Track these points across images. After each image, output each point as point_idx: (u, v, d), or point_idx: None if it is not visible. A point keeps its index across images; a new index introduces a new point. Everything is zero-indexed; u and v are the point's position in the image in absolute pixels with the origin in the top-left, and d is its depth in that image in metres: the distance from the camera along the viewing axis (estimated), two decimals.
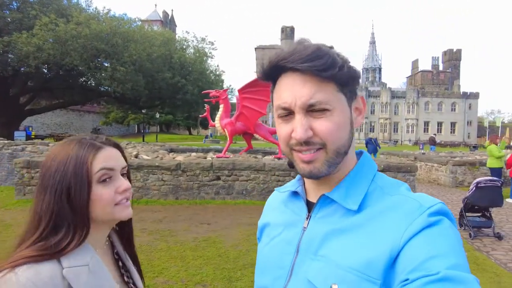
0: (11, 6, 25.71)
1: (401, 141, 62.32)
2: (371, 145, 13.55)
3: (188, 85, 31.30)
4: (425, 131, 67.69)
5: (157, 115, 42.51)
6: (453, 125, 70.31)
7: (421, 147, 29.31)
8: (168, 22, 78.77)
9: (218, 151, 11.33)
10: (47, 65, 25.34)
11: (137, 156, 8.84)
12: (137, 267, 0.94)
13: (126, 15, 31.61)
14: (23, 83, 28.07)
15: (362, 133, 61.16)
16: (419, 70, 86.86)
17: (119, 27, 26.79)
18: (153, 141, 28.73)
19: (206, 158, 8.81)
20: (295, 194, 0.74)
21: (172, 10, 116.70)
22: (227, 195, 7.78)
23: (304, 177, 0.70)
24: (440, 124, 69.83)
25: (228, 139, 9.20)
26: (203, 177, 7.78)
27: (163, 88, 30.11)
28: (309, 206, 0.70)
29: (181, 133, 64.67)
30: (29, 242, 0.73)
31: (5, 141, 11.20)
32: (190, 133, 63.85)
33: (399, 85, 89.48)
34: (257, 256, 0.77)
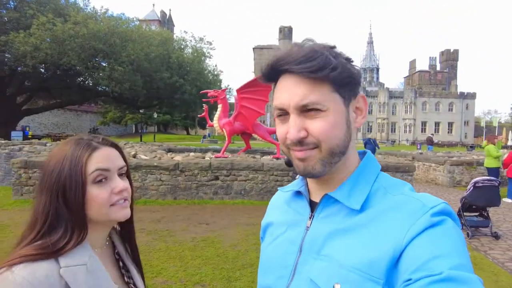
0: (8, 5, 25.64)
1: (399, 141, 62.46)
2: (369, 145, 13.56)
3: (186, 85, 31.31)
4: (422, 131, 67.89)
5: (155, 115, 42.50)
6: (450, 125, 70.56)
7: (418, 147, 29.39)
8: (166, 21, 78.61)
9: (216, 151, 11.33)
10: (45, 64, 25.28)
11: (135, 156, 8.82)
12: (138, 268, 0.93)
13: (124, 14, 31.72)
14: (20, 82, 27.98)
15: (360, 133, 61.31)
16: (417, 70, 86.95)
17: (117, 26, 26.75)
18: (150, 141, 28.65)
19: (204, 158, 8.81)
20: (298, 193, 0.75)
21: (170, 10, 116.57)
22: (225, 195, 7.78)
23: (300, 175, 0.71)
24: (437, 124, 70.07)
25: (226, 139, 9.21)
26: (202, 177, 7.77)
27: (161, 88, 30.10)
28: (312, 206, 0.70)
29: (178, 133, 64.58)
30: (27, 241, 0.73)
31: (2, 141, 11.16)
32: (188, 133, 63.76)
33: (397, 85, 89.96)
34: (261, 255, 0.78)
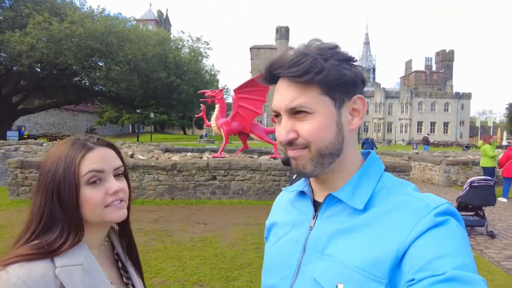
0: (3, 4, 25.42)
1: (395, 141, 62.72)
2: (367, 145, 13.60)
3: (183, 85, 31.25)
4: (418, 131, 68.27)
5: (152, 115, 42.33)
6: (446, 125, 71.00)
7: (414, 147, 29.53)
8: (162, 21, 78.43)
9: (213, 151, 11.32)
10: (41, 64, 25.14)
11: (132, 156, 8.79)
12: (137, 268, 0.92)
13: (120, 14, 31.56)
14: (15, 82, 27.77)
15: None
16: (413, 70, 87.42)
17: (113, 26, 26.63)
18: (147, 141, 28.57)
19: (202, 158, 8.80)
20: (302, 193, 0.75)
21: (166, 9, 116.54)
22: (223, 195, 7.79)
23: (295, 173, 0.72)
24: (433, 124, 70.47)
25: (224, 139, 9.21)
26: (199, 177, 7.77)
27: (158, 87, 30.01)
28: (316, 205, 0.70)
29: (175, 133, 64.43)
30: (23, 241, 0.73)
31: None
32: (185, 133, 63.63)
33: (393, 86, 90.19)
34: (265, 255, 0.78)
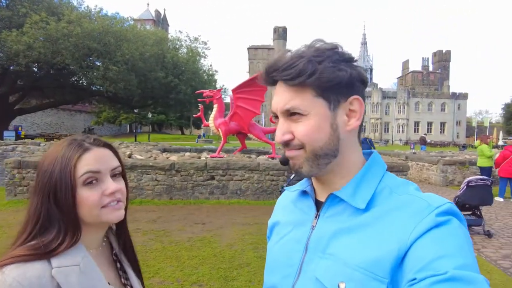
0: (0, 3, 25.30)
1: (392, 141, 62.91)
2: (365, 145, 13.63)
3: (181, 85, 31.20)
4: (415, 131, 68.52)
5: (149, 115, 42.27)
6: (442, 125, 71.29)
7: (412, 147, 29.65)
8: (160, 21, 78.25)
9: (211, 151, 11.32)
10: (38, 63, 25.00)
11: (130, 156, 8.78)
12: (136, 268, 0.92)
13: (118, 14, 31.50)
14: (12, 81, 27.63)
15: None
16: (410, 70, 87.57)
17: (111, 26, 26.53)
18: (145, 141, 28.53)
19: (200, 158, 8.80)
20: (304, 193, 0.75)
21: (164, 9, 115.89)
22: (221, 195, 7.79)
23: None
24: (430, 124, 70.75)
25: (222, 139, 9.21)
26: (197, 177, 7.77)
27: (155, 87, 29.95)
28: (318, 205, 0.70)
29: (173, 133, 64.32)
30: (20, 241, 0.73)
31: None
32: (182, 133, 63.53)
33: (390, 86, 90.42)
34: (267, 254, 0.78)
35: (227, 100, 10.86)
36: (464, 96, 72.00)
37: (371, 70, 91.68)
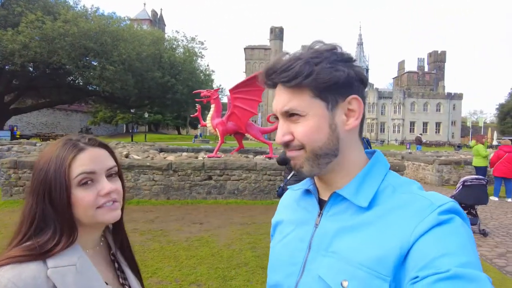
0: None
1: (388, 141, 63.17)
2: (363, 145, 13.83)
3: (178, 85, 31.17)
4: (411, 131, 68.86)
5: (146, 115, 42.11)
6: (438, 125, 71.70)
7: (408, 147, 29.81)
8: (157, 21, 77.99)
9: (209, 151, 11.32)
10: (33, 63, 24.86)
11: (127, 156, 8.76)
12: (134, 268, 0.91)
13: (115, 13, 31.30)
14: (7, 81, 27.44)
15: None
16: (405, 71, 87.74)
17: (108, 25, 26.46)
18: (142, 141, 28.42)
19: (197, 158, 8.80)
20: (307, 192, 0.76)
21: (161, 9, 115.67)
22: (218, 194, 7.79)
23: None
24: (425, 124, 71.12)
25: (219, 139, 9.22)
26: (195, 176, 7.77)
27: (152, 87, 29.89)
28: (321, 204, 0.71)
29: (170, 132, 64.16)
30: (15, 242, 0.73)
31: None
32: (179, 133, 63.38)
33: (386, 86, 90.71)
34: (270, 253, 0.79)
35: (224, 100, 10.87)
36: (459, 96, 72.47)
37: (367, 70, 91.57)
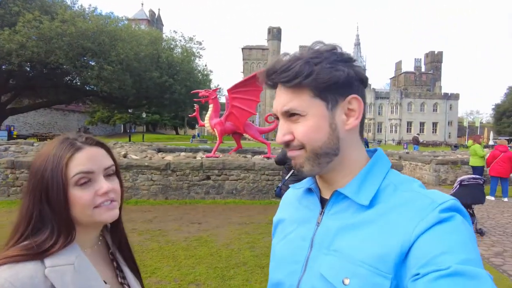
0: None
1: (385, 141, 63.40)
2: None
3: (175, 85, 31.13)
4: (408, 131, 69.17)
5: (144, 115, 42.03)
6: (434, 125, 72.06)
7: (405, 147, 29.96)
8: (155, 21, 77.87)
9: (207, 150, 11.33)
10: (31, 63, 24.76)
11: (125, 156, 8.76)
12: (134, 268, 0.91)
13: (112, 13, 31.17)
14: (4, 81, 27.30)
15: None
16: (402, 71, 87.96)
17: (105, 25, 26.39)
18: (139, 141, 28.38)
19: (195, 158, 8.81)
20: (309, 191, 0.76)
21: (158, 9, 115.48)
22: (217, 194, 7.80)
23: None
24: (422, 124, 71.47)
25: (217, 139, 9.23)
26: (193, 176, 7.77)
27: (150, 87, 29.84)
28: (323, 202, 0.71)
29: (167, 133, 64.07)
30: (12, 242, 0.72)
31: None
32: (177, 133, 63.30)
33: (383, 86, 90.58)
34: (272, 251, 0.79)
35: (222, 100, 10.88)
36: (455, 96, 72.85)
37: (365, 70, 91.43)
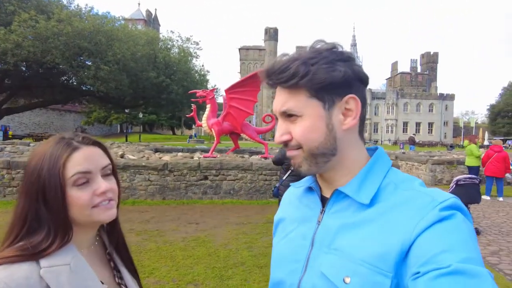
0: None
1: (381, 141, 63.65)
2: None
3: (172, 85, 31.06)
4: (404, 131, 69.50)
5: (140, 115, 41.92)
6: (430, 125, 72.47)
7: (401, 147, 30.08)
8: (151, 21, 77.64)
9: (204, 151, 11.33)
10: (26, 62, 24.59)
11: (123, 156, 8.73)
12: (131, 268, 0.90)
13: (109, 13, 31.10)
14: None
15: None
16: (398, 72, 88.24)
17: (102, 25, 26.27)
18: (136, 141, 28.28)
19: (193, 158, 8.80)
20: (310, 189, 0.76)
21: (155, 9, 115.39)
22: (214, 194, 7.80)
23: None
24: (418, 124, 71.85)
25: (215, 139, 9.23)
26: (191, 177, 7.77)
27: (147, 87, 29.75)
28: (324, 201, 0.71)
29: (164, 133, 63.93)
30: (7, 243, 0.71)
31: None
32: (173, 133, 63.20)
33: (379, 87, 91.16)
34: (273, 250, 0.79)
35: (220, 100, 10.89)
36: (451, 97, 73.28)
37: None
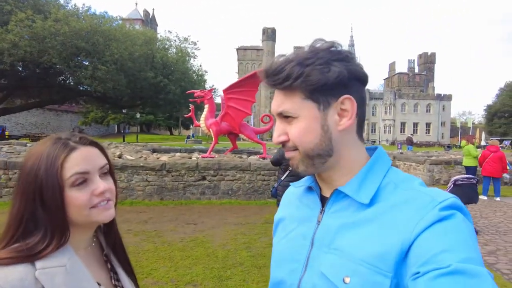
0: None
1: (379, 141, 63.82)
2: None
3: (170, 85, 30.99)
4: (401, 132, 69.74)
5: (138, 115, 41.81)
6: (428, 125, 72.75)
7: (399, 147, 30.19)
8: (149, 21, 77.47)
9: (202, 151, 11.31)
10: (23, 62, 24.47)
11: (120, 156, 8.71)
12: (128, 269, 0.90)
13: (106, 13, 30.99)
14: None
15: None
16: (396, 72, 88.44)
17: (99, 25, 26.17)
18: (133, 141, 28.26)
19: (191, 158, 8.79)
20: (309, 189, 0.76)
21: (153, 9, 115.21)
22: (212, 195, 7.79)
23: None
24: (416, 124, 72.11)
25: (213, 139, 9.23)
26: (189, 177, 7.76)
27: (145, 87, 29.67)
28: (324, 201, 0.71)
29: (162, 133, 63.83)
30: (2, 245, 0.71)
31: None
32: (171, 134, 63.09)
33: (377, 87, 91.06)
34: (273, 250, 0.79)
35: (218, 100, 10.88)
36: (448, 97, 73.61)
37: None
